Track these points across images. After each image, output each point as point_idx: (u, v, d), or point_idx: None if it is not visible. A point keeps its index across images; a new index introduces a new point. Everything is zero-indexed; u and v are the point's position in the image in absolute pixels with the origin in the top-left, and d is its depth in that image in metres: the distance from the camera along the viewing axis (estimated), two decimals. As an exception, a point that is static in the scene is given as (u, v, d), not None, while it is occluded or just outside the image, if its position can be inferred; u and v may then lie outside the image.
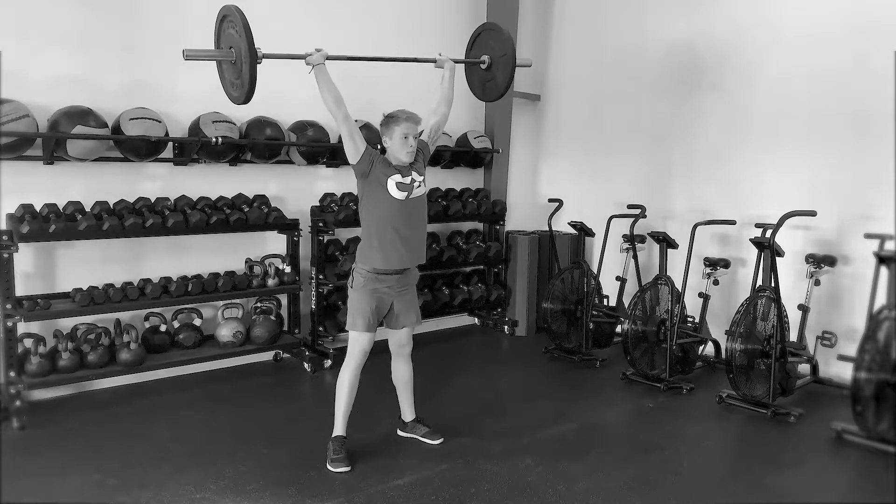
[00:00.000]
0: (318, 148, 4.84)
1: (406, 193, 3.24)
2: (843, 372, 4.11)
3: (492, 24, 3.90)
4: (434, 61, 3.62)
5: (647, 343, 4.53)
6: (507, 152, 6.08)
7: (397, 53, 5.48)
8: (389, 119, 3.27)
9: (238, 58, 3.03)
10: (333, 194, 5.09)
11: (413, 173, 3.29)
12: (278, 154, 4.74)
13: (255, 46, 2.99)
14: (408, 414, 3.61)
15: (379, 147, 3.38)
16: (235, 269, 4.68)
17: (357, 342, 3.29)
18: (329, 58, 3.20)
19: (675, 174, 5.43)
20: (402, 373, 3.54)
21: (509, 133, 6.10)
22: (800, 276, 4.53)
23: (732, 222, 4.66)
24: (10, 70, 3.78)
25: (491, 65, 3.76)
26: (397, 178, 3.23)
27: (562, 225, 5.56)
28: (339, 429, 3.29)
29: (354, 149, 3.19)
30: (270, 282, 4.62)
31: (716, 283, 4.61)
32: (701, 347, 4.72)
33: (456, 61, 3.63)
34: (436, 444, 3.51)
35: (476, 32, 3.92)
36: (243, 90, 3.06)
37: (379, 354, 3.54)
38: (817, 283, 4.37)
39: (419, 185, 3.30)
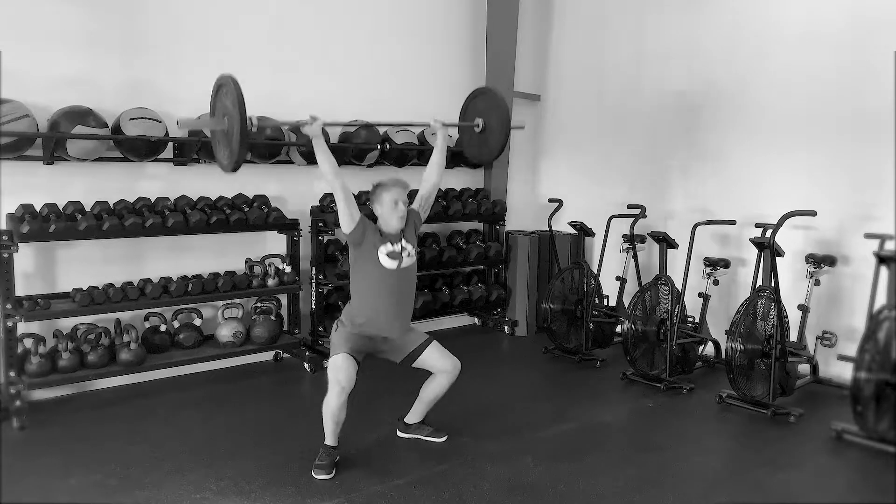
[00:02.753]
0: (318, 148, 4.84)
1: (396, 263, 3.27)
2: (843, 372, 4.11)
3: (486, 88, 4.01)
4: (428, 125, 3.67)
5: (647, 343, 4.53)
6: (507, 152, 6.08)
7: (394, 48, 5.53)
8: (379, 186, 3.33)
9: (231, 128, 3.03)
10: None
11: (403, 241, 3.32)
12: (278, 154, 4.74)
13: (249, 116, 2.98)
14: (415, 418, 3.60)
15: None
16: (235, 269, 4.68)
17: (335, 367, 3.18)
18: (326, 124, 3.27)
19: (675, 174, 5.43)
20: (436, 388, 3.46)
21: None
22: (800, 276, 4.53)
23: (732, 222, 4.66)
24: (10, 70, 3.78)
25: (485, 128, 3.81)
26: (388, 247, 3.26)
27: (562, 225, 5.56)
28: (328, 440, 3.24)
29: (350, 218, 3.24)
30: (270, 282, 4.62)
31: (716, 283, 4.61)
32: (701, 347, 4.72)
33: (450, 125, 3.67)
34: (441, 440, 3.53)
35: (471, 96, 3.97)
36: (233, 159, 3.07)
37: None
38: (817, 283, 4.37)
39: (409, 255, 3.33)
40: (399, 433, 3.62)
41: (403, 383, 3.69)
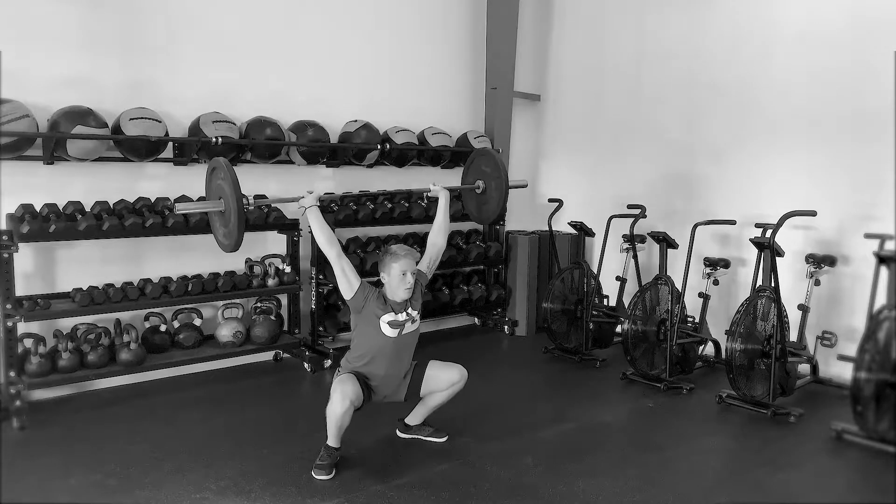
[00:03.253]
0: (318, 148, 4.84)
1: (398, 331, 3.27)
2: (843, 372, 4.11)
3: (485, 150, 4.13)
4: (428, 191, 3.76)
5: (647, 343, 4.53)
6: (507, 152, 6.09)
7: (393, 48, 5.53)
8: (387, 255, 3.29)
9: (227, 208, 3.08)
10: (333, 194, 5.09)
11: (408, 309, 3.31)
12: (278, 154, 4.74)
13: (244, 196, 3.04)
14: (416, 420, 3.60)
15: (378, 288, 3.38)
16: (235, 269, 4.68)
17: (341, 381, 3.18)
18: (321, 199, 3.32)
19: (675, 174, 5.43)
20: (441, 397, 3.46)
21: (509, 133, 6.10)
22: (800, 276, 4.53)
23: (732, 222, 4.66)
24: (10, 70, 3.78)
25: (485, 190, 3.91)
26: (391, 316, 3.26)
27: (562, 225, 5.56)
28: (331, 441, 3.22)
29: (348, 286, 3.24)
30: (270, 282, 4.62)
31: (716, 283, 4.61)
32: (701, 347, 4.72)
33: (451, 189, 3.75)
34: (442, 441, 3.53)
35: (470, 159, 4.09)
36: (232, 239, 3.12)
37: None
38: (817, 283, 4.37)
39: (413, 321, 3.33)
40: (399, 434, 3.61)
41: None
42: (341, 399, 3.11)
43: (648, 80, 5.60)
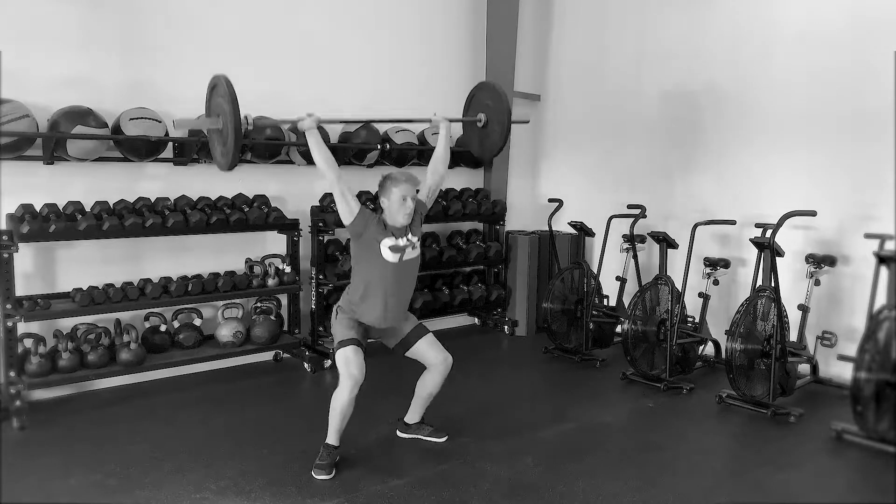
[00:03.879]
0: (318, 148, 4.84)
1: (399, 256, 3.25)
2: (843, 372, 4.11)
3: (487, 82, 4.02)
4: (429, 121, 3.69)
5: (647, 343, 4.53)
6: (507, 152, 6.08)
7: (394, 47, 5.53)
8: (388, 180, 3.27)
9: (225, 127, 3.06)
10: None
11: (408, 235, 3.29)
12: (278, 154, 4.74)
13: (244, 116, 3.02)
14: (414, 417, 3.60)
15: (372, 207, 3.36)
16: (235, 269, 4.68)
17: (346, 360, 3.16)
18: (321, 122, 3.29)
19: (675, 174, 5.43)
20: (429, 384, 3.45)
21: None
22: (800, 276, 4.53)
23: (732, 222, 4.66)
24: (10, 70, 3.78)
25: (487, 123, 3.81)
26: (391, 241, 3.23)
27: (562, 225, 5.56)
28: (331, 438, 3.23)
29: (348, 210, 3.22)
30: (270, 282, 4.62)
31: (716, 283, 4.61)
32: (701, 347, 4.72)
33: (452, 120, 3.70)
34: (442, 441, 3.53)
35: (472, 93, 3.99)
36: (228, 158, 3.10)
37: (382, 355, 3.53)
38: (817, 283, 4.37)
39: (413, 247, 3.31)
40: (399, 433, 3.61)
41: (404, 383, 3.68)
42: (351, 387, 3.11)
43: (648, 80, 5.59)
